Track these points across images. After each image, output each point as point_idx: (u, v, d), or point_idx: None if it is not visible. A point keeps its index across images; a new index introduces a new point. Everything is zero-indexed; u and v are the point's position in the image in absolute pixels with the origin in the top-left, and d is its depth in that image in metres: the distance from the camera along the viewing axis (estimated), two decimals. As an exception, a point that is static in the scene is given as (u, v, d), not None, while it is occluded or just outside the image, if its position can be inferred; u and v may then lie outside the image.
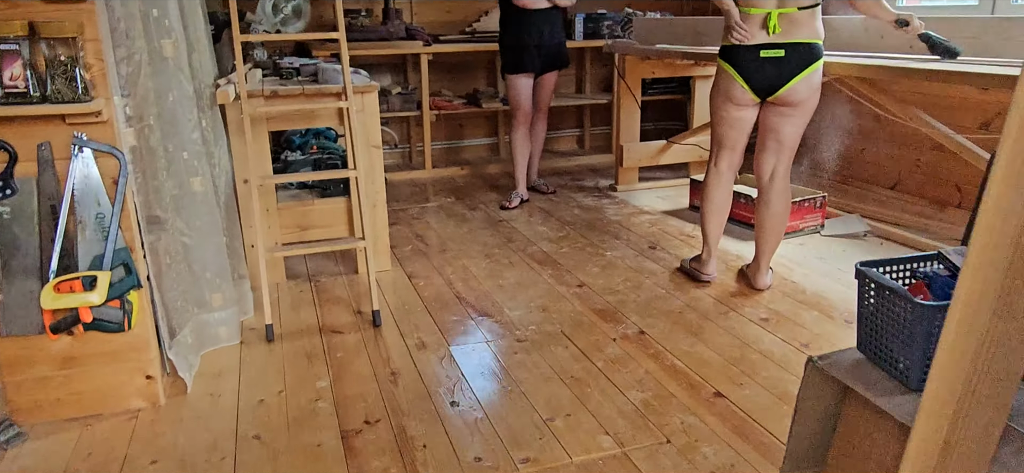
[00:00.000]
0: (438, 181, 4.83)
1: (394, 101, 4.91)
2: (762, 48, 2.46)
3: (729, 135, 2.69)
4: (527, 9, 3.91)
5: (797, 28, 2.42)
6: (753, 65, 2.48)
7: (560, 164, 5.23)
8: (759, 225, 2.73)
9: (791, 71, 2.45)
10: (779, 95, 2.50)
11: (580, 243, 3.44)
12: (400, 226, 3.81)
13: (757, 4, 2.46)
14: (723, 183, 2.78)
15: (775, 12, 2.43)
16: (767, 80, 2.48)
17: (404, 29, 4.85)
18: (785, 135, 2.58)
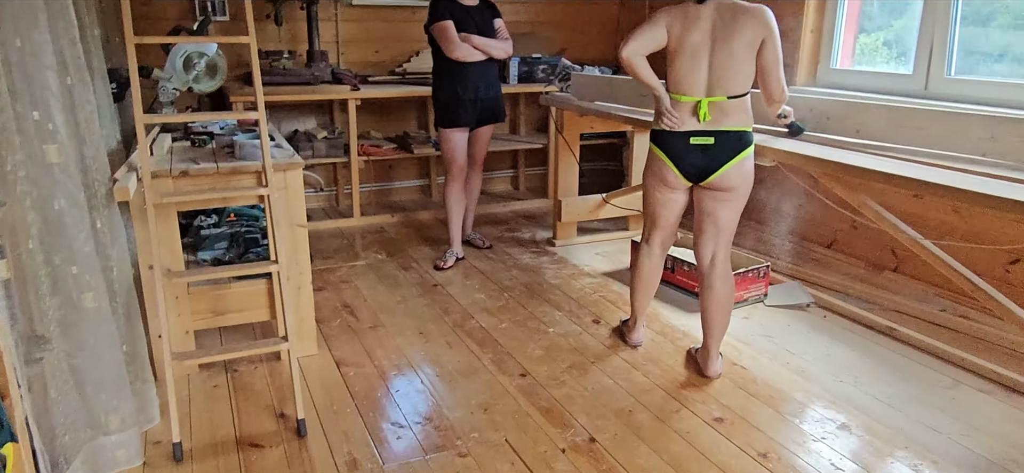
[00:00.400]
0: (367, 231, 4.57)
1: (319, 146, 4.63)
2: (692, 135, 2.46)
3: (661, 214, 2.69)
4: (462, 62, 3.72)
5: (727, 116, 2.43)
6: (682, 151, 2.48)
7: (495, 210, 5.05)
8: (704, 311, 2.66)
9: (721, 159, 2.45)
10: (710, 181, 2.50)
11: (520, 315, 3.27)
12: (327, 292, 3.54)
13: (687, 92, 2.46)
14: (653, 260, 2.79)
15: (705, 100, 2.42)
16: (697, 166, 2.48)
17: (330, 72, 4.58)
18: (721, 219, 2.56)
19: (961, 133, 2.43)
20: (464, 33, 3.69)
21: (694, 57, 2.43)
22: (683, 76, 2.46)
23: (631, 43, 2.49)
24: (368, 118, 5.09)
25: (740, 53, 2.38)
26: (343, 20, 4.89)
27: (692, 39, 2.42)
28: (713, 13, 2.42)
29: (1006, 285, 3.14)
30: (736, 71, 2.39)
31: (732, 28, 2.37)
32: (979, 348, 2.88)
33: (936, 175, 2.24)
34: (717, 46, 2.40)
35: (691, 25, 2.43)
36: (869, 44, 3.99)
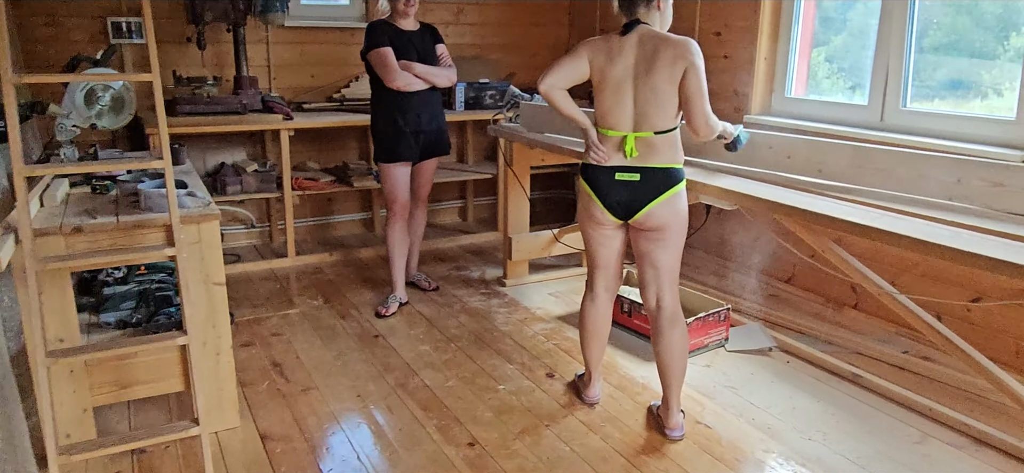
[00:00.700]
0: (303, 273, 4.26)
1: (249, 181, 4.30)
2: (617, 170, 2.35)
3: (599, 253, 2.54)
4: (402, 92, 3.47)
5: (654, 152, 2.32)
6: (608, 187, 2.37)
7: (442, 245, 4.79)
8: (658, 360, 2.50)
9: (647, 196, 2.33)
10: (638, 219, 2.38)
11: (468, 369, 3.02)
12: (255, 348, 3.23)
13: (613, 126, 2.35)
14: (599, 307, 2.61)
15: (631, 135, 2.31)
16: (622, 203, 2.37)
17: (260, 100, 4.26)
18: (658, 260, 2.43)
19: (927, 175, 2.29)
20: (404, 61, 3.45)
21: (618, 91, 2.32)
22: (608, 110, 2.35)
23: (549, 76, 2.37)
24: (304, 148, 4.78)
25: (663, 87, 2.27)
26: (275, 42, 4.59)
27: (615, 73, 2.31)
28: (636, 45, 2.30)
29: (967, 323, 3.03)
30: (661, 106, 2.28)
31: (654, 61, 2.26)
32: (945, 395, 2.75)
33: (906, 226, 2.09)
34: (640, 81, 2.29)
35: (614, 58, 2.31)
36: (818, 65, 3.89)
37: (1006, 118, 2.90)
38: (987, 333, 2.96)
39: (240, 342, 3.28)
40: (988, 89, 3.13)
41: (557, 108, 2.41)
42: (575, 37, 5.46)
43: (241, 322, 3.51)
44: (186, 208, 2.42)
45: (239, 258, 4.44)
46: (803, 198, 2.42)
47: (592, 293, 2.60)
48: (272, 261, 4.38)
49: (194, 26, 4.18)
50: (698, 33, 4.27)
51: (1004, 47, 3.08)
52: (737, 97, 4.06)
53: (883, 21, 3.32)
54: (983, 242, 1.93)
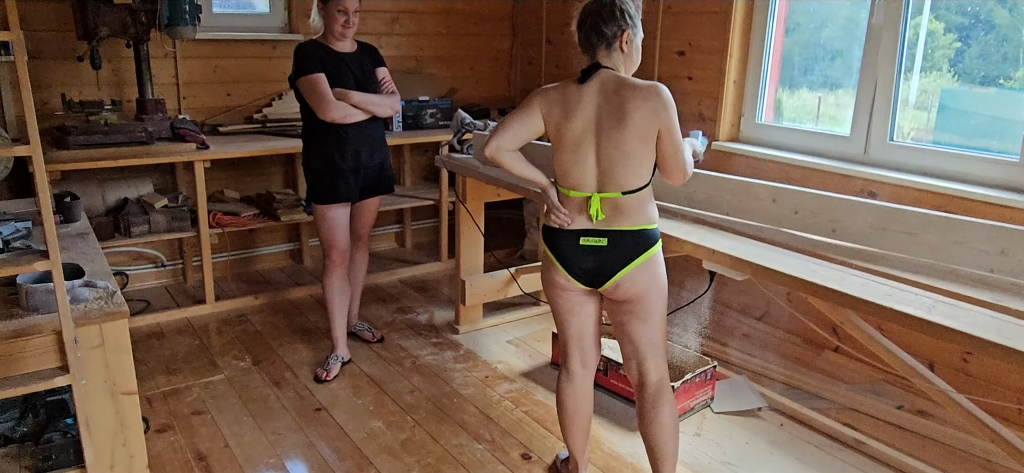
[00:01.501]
0: (226, 322, 3.73)
1: (158, 219, 3.73)
2: (582, 234, 2.05)
3: (570, 323, 2.22)
4: (338, 124, 3.01)
5: (622, 215, 2.02)
6: (572, 252, 2.07)
7: (381, 281, 4.34)
8: (645, 442, 2.19)
9: (617, 262, 2.03)
10: (607, 288, 2.08)
11: (432, 454, 2.62)
12: (174, 434, 2.73)
13: (575, 186, 2.05)
14: (577, 387, 2.27)
15: (596, 196, 2.01)
16: (589, 271, 2.07)
17: (169, 126, 3.69)
18: (635, 335, 2.12)
19: (964, 244, 2.05)
20: (340, 88, 2.99)
21: (577, 149, 2.02)
22: (568, 169, 2.05)
23: (495, 138, 2.07)
24: (220, 174, 4.22)
25: (632, 145, 1.96)
26: (183, 58, 4.01)
27: (573, 129, 2.01)
28: (597, 95, 1.99)
29: (963, 374, 2.87)
30: (628, 164, 1.98)
31: (620, 115, 1.95)
32: (951, 460, 2.57)
33: (949, 316, 1.84)
34: (603, 137, 1.98)
35: (571, 111, 2.01)
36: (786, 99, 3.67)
37: (1010, 159, 2.72)
38: (986, 386, 2.80)
39: (155, 427, 2.77)
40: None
41: (508, 171, 2.11)
42: (519, 47, 5.09)
43: (154, 395, 2.98)
44: (84, 301, 1.91)
45: (148, 304, 3.86)
46: (821, 268, 2.14)
47: (568, 372, 2.27)
48: (188, 309, 3.83)
49: (86, 41, 3.56)
50: (659, 51, 3.98)
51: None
52: (702, 122, 3.80)
53: (869, 42, 3.10)
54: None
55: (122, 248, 3.92)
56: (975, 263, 2.04)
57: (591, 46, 2.02)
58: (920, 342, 2.93)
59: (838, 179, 3.15)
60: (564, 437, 2.36)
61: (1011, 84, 2.88)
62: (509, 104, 5.11)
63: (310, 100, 2.97)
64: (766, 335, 3.51)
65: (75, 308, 1.86)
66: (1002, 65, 2.91)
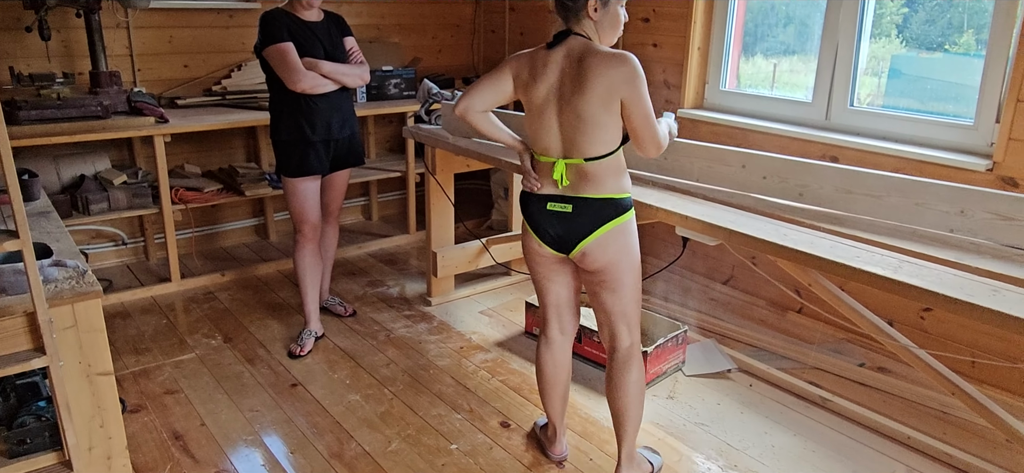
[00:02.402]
0: (193, 300, 3.67)
1: (117, 195, 3.62)
2: (549, 200, 2.08)
3: (547, 290, 2.25)
4: (308, 95, 2.96)
5: (587, 182, 2.03)
6: (540, 217, 2.11)
7: (349, 254, 4.31)
8: (610, 405, 2.22)
9: (581, 230, 2.05)
10: (574, 255, 2.10)
11: (411, 424, 2.64)
12: (148, 414, 2.69)
13: (544, 151, 2.07)
14: (555, 353, 2.31)
15: (561, 162, 2.03)
16: (555, 236, 2.10)
17: (126, 100, 3.58)
18: (606, 304, 2.14)
19: (926, 205, 2.13)
20: (309, 58, 2.93)
21: (541, 115, 2.03)
22: (537, 134, 2.07)
23: (466, 98, 2.09)
24: (180, 149, 4.11)
25: (593, 113, 1.94)
26: (138, 27, 3.87)
27: (537, 93, 2.02)
28: (562, 60, 1.99)
29: (920, 331, 2.99)
30: (589, 132, 1.97)
31: (581, 82, 1.94)
32: (912, 414, 2.69)
33: (915, 275, 1.92)
34: (564, 103, 1.99)
35: (538, 75, 2.01)
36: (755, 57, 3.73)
37: (965, 123, 2.82)
38: (941, 343, 2.92)
39: (127, 408, 2.73)
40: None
41: (481, 132, 2.15)
42: (481, 15, 5.05)
43: (125, 376, 2.93)
44: (54, 281, 1.87)
45: (111, 284, 3.77)
46: (791, 232, 2.21)
47: (546, 337, 2.30)
48: (152, 287, 3.75)
49: (33, 11, 3.41)
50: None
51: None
52: (667, 89, 3.84)
53: (830, 8, 3.16)
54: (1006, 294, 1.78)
55: (81, 226, 3.81)
56: (936, 223, 2.12)
57: (564, 10, 2.01)
58: (879, 301, 3.04)
59: (800, 144, 3.22)
60: (542, 403, 2.40)
61: (956, 49, 2.98)
62: (474, 73, 5.08)
63: (279, 71, 2.91)
64: (732, 299, 3.60)
65: (46, 288, 1.82)
66: (947, 31, 3.00)
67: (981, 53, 2.78)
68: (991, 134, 2.73)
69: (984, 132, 2.75)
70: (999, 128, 2.67)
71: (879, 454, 2.48)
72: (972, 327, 2.82)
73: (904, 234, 2.15)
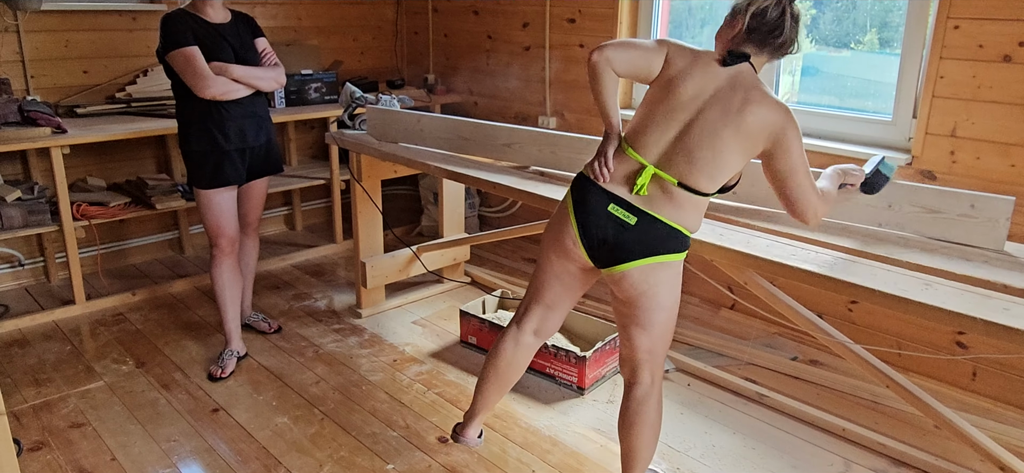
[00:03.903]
0: (100, 322, 3.41)
1: (12, 214, 3.33)
2: (614, 200, 1.84)
3: (551, 288, 2.03)
4: (218, 102, 2.78)
5: (666, 205, 1.82)
6: (595, 215, 1.85)
7: (273, 267, 4.11)
8: (621, 443, 2.05)
9: (634, 249, 1.81)
10: (613, 274, 1.87)
11: (344, 446, 2.51)
12: (50, 451, 2.46)
13: (638, 147, 1.84)
14: (521, 349, 2.11)
15: (650, 169, 1.81)
16: (603, 242, 1.85)
17: (16, 109, 3.30)
18: (634, 338, 1.93)
19: (854, 200, 2.16)
20: (218, 63, 2.76)
21: (672, 114, 1.82)
22: (647, 127, 1.85)
23: (611, 49, 1.84)
24: (83, 160, 3.83)
25: (723, 145, 1.78)
26: (29, 31, 3.58)
27: (685, 90, 1.82)
28: (727, 79, 1.82)
29: (848, 323, 3.06)
30: (705, 163, 1.79)
31: (737, 108, 1.77)
32: (844, 405, 2.74)
33: (847, 271, 1.93)
34: (701, 119, 1.79)
35: (694, 74, 1.83)
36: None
37: (883, 118, 2.90)
38: (869, 333, 3.00)
39: (28, 445, 2.49)
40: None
41: (600, 87, 1.86)
42: (403, 17, 4.92)
43: (23, 411, 2.68)
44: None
45: (7, 309, 3.47)
46: (728, 231, 2.20)
47: (518, 331, 2.09)
48: (54, 311, 3.47)
49: (-93, 14, 3.10)
50: (549, 19, 3.95)
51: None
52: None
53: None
54: (943, 289, 1.82)
55: (-31, 248, 3.49)
56: (865, 218, 2.15)
57: (762, 38, 1.82)
58: (807, 295, 3.10)
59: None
60: (478, 391, 2.19)
61: (861, 47, 3.08)
62: (399, 77, 4.95)
63: (185, 77, 2.72)
64: (665, 297, 3.61)
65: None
66: (853, 30, 3.09)
67: (885, 51, 2.87)
68: (909, 129, 2.81)
69: (902, 127, 2.84)
70: (916, 123, 2.75)
71: (816, 447, 2.51)
72: (897, 317, 2.91)
73: (835, 231, 2.17)
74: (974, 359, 2.75)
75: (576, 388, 2.83)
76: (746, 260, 2.04)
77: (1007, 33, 2.48)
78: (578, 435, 2.58)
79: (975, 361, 2.75)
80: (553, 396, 2.82)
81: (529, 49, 4.11)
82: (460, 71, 4.56)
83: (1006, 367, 2.69)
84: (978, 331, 1.62)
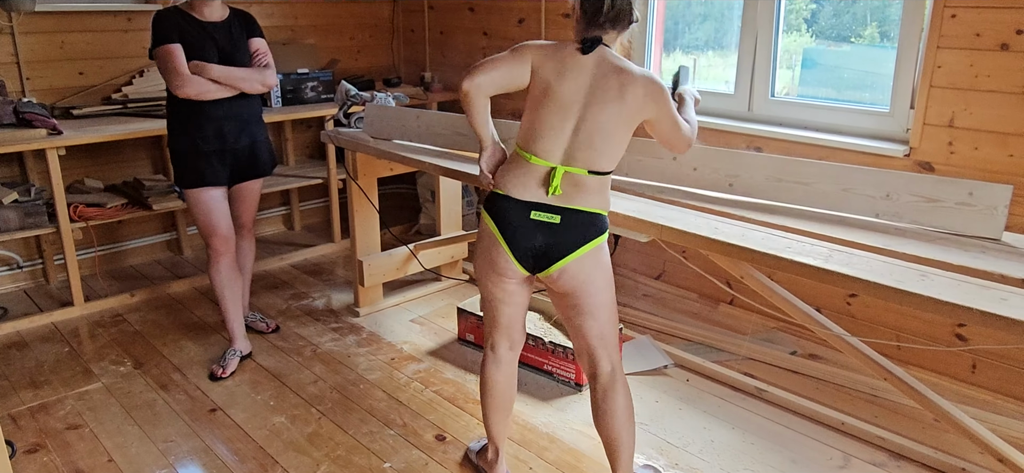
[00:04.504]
0: (99, 323, 3.41)
1: (9, 216, 3.33)
2: (534, 208, 1.90)
3: (503, 312, 2.07)
4: (198, 101, 2.77)
5: (581, 193, 1.91)
6: (520, 227, 1.92)
7: (271, 267, 4.11)
8: (600, 435, 2.06)
9: (566, 245, 1.90)
10: (550, 275, 1.94)
11: (341, 445, 2.50)
12: (47, 453, 2.46)
13: (541, 153, 1.91)
14: (504, 368, 2.14)
15: (560, 169, 1.89)
16: (534, 250, 1.92)
17: (12, 111, 3.29)
18: (583, 329, 2.00)
19: (852, 191, 2.15)
20: (197, 62, 2.73)
21: (560, 113, 1.90)
22: (541, 133, 1.91)
23: (479, 75, 1.92)
24: (80, 162, 3.82)
25: (615, 127, 1.89)
26: (24, 33, 3.57)
27: (564, 91, 1.89)
28: (595, 68, 1.90)
29: (848, 317, 3.05)
30: (607, 145, 1.90)
31: (616, 94, 1.88)
32: (843, 399, 2.73)
33: (845, 263, 1.92)
34: (588, 112, 1.88)
35: (566, 74, 1.90)
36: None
37: (880, 109, 2.88)
38: (868, 326, 2.98)
39: (24, 448, 2.49)
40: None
41: (471, 113, 1.96)
42: (400, 16, 4.91)
43: (20, 413, 2.68)
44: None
45: (6, 311, 3.47)
46: (722, 224, 2.18)
47: (495, 356, 2.13)
48: (53, 313, 3.46)
49: (-99, 17, 3.10)
50: (545, 15, 3.94)
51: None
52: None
53: (747, 3, 3.18)
54: (944, 280, 1.80)
55: (-34, 251, 3.49)
56: (863, 209, 2.14)
57: (601, 20, 1.90)
58: (806, 288, 3.08)
59: (725, 135, 3.24)
60: (486, 420, 2.20)
61: (861, 41, 3.06)
62: (395, 74, 4.94)
63: (163, 74, 2.72)
64: (665, 293, 3.60)
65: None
66: (852, 24, 3.08)
67: (885, 45, 2.85)
68: (907, 120, 2.79)
69: (900, 118, 2.82)
70: (914, 114, 2.73)
71: (815, 442, 2.50)
72: (896, 310, 2.89)
73: (833, 222, 2.16)
74: (974, 351, 2.73)
75: (574, 384, 2.82)
76: (742, 253, 2.02)
77: (1004, 21, 2.46)
78: (576, 432, 2.57)
79: (975, 353, 2.74)
80: (551, 393, 2.81)
81: (526, 45, 4.09)
82: (457, 68, 4.55)
83: (1006, 359, 2.67)
84: (974, 322, 1.61)
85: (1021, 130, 2.49)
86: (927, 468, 2.36)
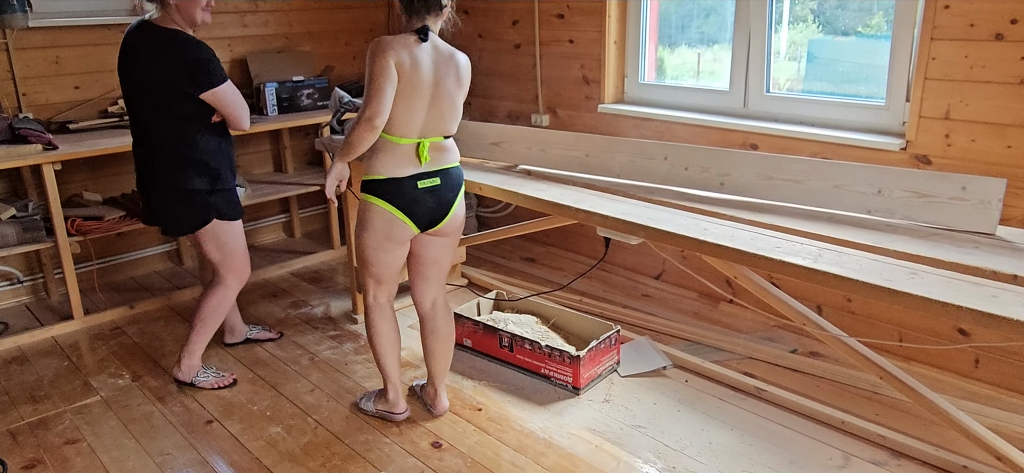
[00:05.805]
0: (98, 336, 3.41)
1: (7, 232, 3.34)
2: (419, 178, 2.31)
3: (389, 270, 2.46)
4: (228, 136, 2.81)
5: (444, 155, 2.37)
6: (412, 198, 2.31)
7: (271, 274, 4.11)
8: (430, 353, 2.62)
9: (449, 198, 2.38)
10: (442, 226, 2.40)
11: (338, 454, 2.49)
12: (42, 471, 2.46)
13: (405, 134, 2.28)
14: (389, 316, 2.56)
15: (425, 141, 2.30)
16: (429, 212, 2.36)
17: (7, 128, 3.30)
18: (445, 262, 2.53)
19: (844, 187, 2.12)
20: None
21: (420, 97, 2.25)
22: (402, 118, 2.25)
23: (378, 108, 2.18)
24: (78, 175, 3.83)
25: (457, 98, 2.33)
26: (19, 49, 3.58)
27: (420, 78, 2.23)
28: (433, 52, 2.27)
29: (848, 314, 3.02)
30: (454, 113, 2.35)
31: (451, 74, 2.29)
32: (844, 397, 2.70)
33: (835, 263, 1.89)
34: (440, 90, 2.28)
35: (418, 64, 2.23)
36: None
37: (876, 103, 2.85)
38: (870, 323, 2.95)
39: (22, 463, 2.50)
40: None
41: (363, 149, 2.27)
42: (395, 19, 4.89)
43: (19, 429, 2.69)
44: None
45: (6, 326, 3.48)
46: (712, 225, 2.16)
47: (379, 304, 2.51)
48: (53, 327, 3.47)
49: None
50: (539, 15, 3.92)
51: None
52: (587, 85, 3.79)
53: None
54: (933, 279, 1.77)
55: (-34, 268, 3.50)
56: (854, 205, 2.11)
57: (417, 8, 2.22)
58: (806, 288, 3.05)
59: (721, 133, 3.21)
60: (385, 363, 2.56)
61: (868, 31, 3.02)
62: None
63: (234, 111, 2.67)
64: (665, 293, 3.58)
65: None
66: (859, 14, 3.03)
67: (889, 35, 2.81)
68: (903, 113, 2.76)
69: (895, 111, 2.78)
70: (909, 107, 2.70)
71: (815, 441, 2.47)
72: (897, 308, 2.85)
73: (824, 219, 2.13)
74: (976, 347, 2.70)
75: (571, 388, 2.80)
76: (730, 254, 2.00)
77: (998, 11, 2.43)
78: (573, 436, 2.55)
79: (977, 349, 2.70)
80: (548, 397, 2.79)
81: (520, 46, 4.08)
82: (453, 71, 4.53)
83: (1008, 354, 2.63)
84: (964, 320, 1.58)
85: (1018, 121, 2.46)
86: (928, 466, 2.33)
